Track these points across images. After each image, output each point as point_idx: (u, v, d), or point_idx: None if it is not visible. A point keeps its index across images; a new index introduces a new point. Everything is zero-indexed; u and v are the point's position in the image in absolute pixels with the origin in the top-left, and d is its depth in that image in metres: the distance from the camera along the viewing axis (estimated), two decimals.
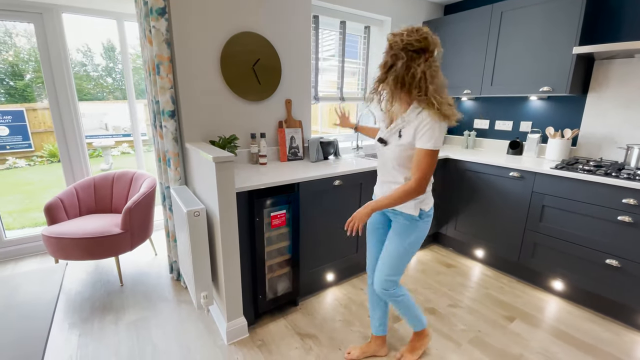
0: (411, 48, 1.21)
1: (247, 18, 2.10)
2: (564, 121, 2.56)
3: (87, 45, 6.35)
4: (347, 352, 1.72)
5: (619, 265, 1.90)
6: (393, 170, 1.39)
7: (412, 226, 1.42)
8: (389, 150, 1.37)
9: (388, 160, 1.39)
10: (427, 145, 1.24)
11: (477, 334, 1.87)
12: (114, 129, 7.42)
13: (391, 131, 1.36)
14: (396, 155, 1.34)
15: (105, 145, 6.30)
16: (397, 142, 1.33)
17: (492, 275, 2.51)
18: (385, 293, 1.50)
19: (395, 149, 1.34)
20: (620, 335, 1.87)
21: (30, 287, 0.98)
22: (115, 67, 7.12)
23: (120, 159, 7.35)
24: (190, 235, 1.65)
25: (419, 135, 1.26)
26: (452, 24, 2.87)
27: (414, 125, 1.27)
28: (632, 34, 2.14)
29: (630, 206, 1.82)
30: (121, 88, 7.15)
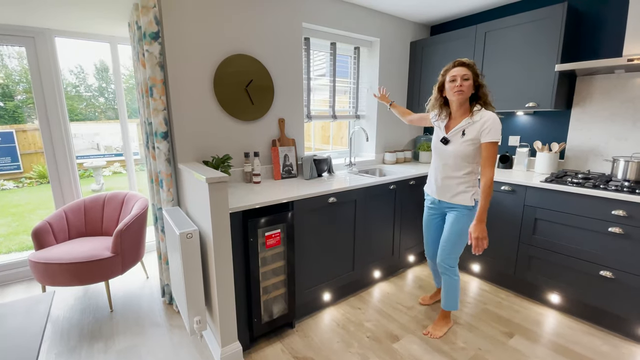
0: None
1: (239, 41, 2.14)
2: (550, 135, 2.63)
3: (80, 66, 6.39)
4: (421, 300, 2.31)
5: (613, 276, 1.91)
6: (454, 166, 1.76)
7: (468, 214, 1.78)
8: (451, 147, 1.75)
9: (450, 156, 1.77)
10: (494, 138, 1.62)
11: (477, 352, 1.85)
12: (105, 148, 7.36)
13: (454, 132, 1.74)
14: (459, 151, 1.72)
15: (96, 166, 6.23)
16: (461, 140, 1.71)
17: (489, 289, 2.49)
18: (446, 268, 1.89)
19: (460, 145, 1.71)
20: (618, 347, 1.86)
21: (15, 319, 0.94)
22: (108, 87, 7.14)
23: (112, 179, 7.27)
24: (182, 257, 1.61)
25: (485, 132, 1.63)
26: (439, 43, 2.97)
27: (479, 125, 1.65)
28: (611, 50, 2.24)
29: (620, 217, 1.85)
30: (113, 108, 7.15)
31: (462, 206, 1.79)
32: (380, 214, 2.43)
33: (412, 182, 2.59)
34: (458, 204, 1.80)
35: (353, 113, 3.08)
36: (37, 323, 0.93)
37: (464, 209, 1.79)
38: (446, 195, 1.85)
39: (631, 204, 1.80)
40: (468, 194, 1.76)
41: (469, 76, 1.66)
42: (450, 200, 1.83)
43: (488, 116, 1.64)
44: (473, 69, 1.68)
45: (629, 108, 2.21)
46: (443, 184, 1.83)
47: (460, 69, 1.68)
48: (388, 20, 2.97)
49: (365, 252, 2.39)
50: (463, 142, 1.71)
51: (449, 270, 1.90)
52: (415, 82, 3.23)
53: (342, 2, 2.61)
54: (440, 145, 1.82)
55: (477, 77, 1.67)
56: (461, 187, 1.78)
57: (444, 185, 1.83)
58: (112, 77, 5.73)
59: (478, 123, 1.66)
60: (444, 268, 1.91)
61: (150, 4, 1.82)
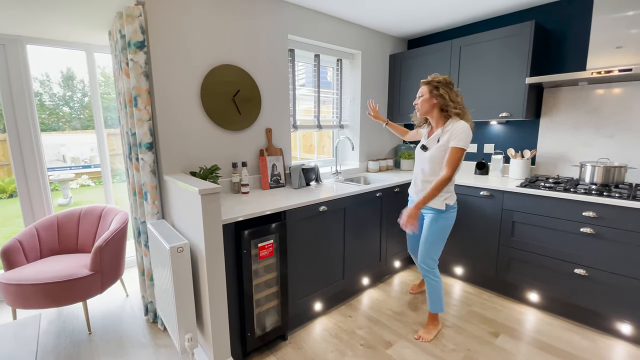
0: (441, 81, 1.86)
1: (226, 51, 2.14)
2: (522, 143, 2.80)
3: (46, 74, 6.08)
4: (410, 289, 2.55)
5: (587, 274, 2.04)
6: (430, 170, 1.90)
7: (441, 217, 1.92)
8: (428, 153, 1.91)
9: (426, 161, 1.91)
10: (459, 144, 1.75)
11: (467, 353, 1.90)
12: (72, 160, 6.98)
13: (431, 139, 1.92)
14: (434, 156, 1.86)
15: (63, 179, 5.89)
16: (436, 146, 1.86)
17: (473, 291, 2.58)
18: (426, 270, 2.00)
19: (434, 151, 1.86)
20: (596, 341, 1.98)
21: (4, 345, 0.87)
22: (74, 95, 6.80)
23: (80, 192, 6.89)
24: (173, 272, 1.56)
25: (453, 137, 1.78)
26: (417, 57, 3.11)
27: (449, 132, 1.80)
28: (575, 64, 2.44)
29: (590, 218, 1.99)
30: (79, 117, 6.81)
31: (435, 209, 1.92)
32: (368, 221, 2.47)
33: (396, 190, 2.66)
34: (431, 207, 1.92)
35: (337, 123, 3.14)
36: (28, 348, 0.87)
37: (436, 212, 1.92)
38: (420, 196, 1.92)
39: (600, 205, 1.95)
40: (440, 199, 1.89)
41: (423, 93, 1.89)
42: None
43: (459, 125, 1.79)
44: (430, 85, 1.86)
45: (592, 117, 2.41)
46: (422, 187, 1.96)
47: (421, 88, 1.93)
48: (369, 34, 3.08)
49: (354, 260, 2.41)
50: (437, 148, 1.86)
51: (429, 272, 2.00)
52: (395, 93, 3.35)
53: (325, 16, 2.68)
54: (420, 151, 1.99)
55: (435, 92, 1.84)
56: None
57: (423, 188, 1.95)
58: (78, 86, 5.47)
59: (449, 131, 1.81)
60: (423, 270, 2.01)
61: (135, 13, 1.78)
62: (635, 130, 2.24)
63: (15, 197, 4.43)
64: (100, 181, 3.92)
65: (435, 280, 2.00)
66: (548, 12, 2.54)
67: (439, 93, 1.83)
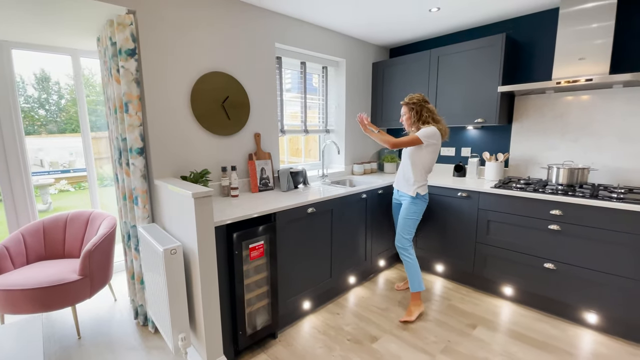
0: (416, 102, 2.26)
1: (216, 59, 2.21)
2: (496, 146, 2.98)
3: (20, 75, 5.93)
4: (396, 286, 2.72)
5: (555, 268, 2.22)
6: (406, 165, 2.30)
7: (412, 202, 2.28)
8: (406, 151, 2.31)
9: (404, 157, 2.32)
10: (418, 133, 2.16)
11: (447, 344, 2.03)
12: (51, 165, 6.79)
13: None
14: (409, 152, 2.27)
15: (42, 184, 5.73)
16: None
17: (452, 287, 2.73)
18: (401, 248, 2.32)
19: (409, 148, 2.26)
20: (565, 330, 2.15)
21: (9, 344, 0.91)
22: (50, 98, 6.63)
23: (59, 197, 6.71)
24: (166, 274, 1.61)
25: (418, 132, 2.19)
26: (398, 65, 3.26)
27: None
28: (542, 74, 2.63)
29: (557, 216, 2.17)
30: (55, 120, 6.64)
31: (407, 195, 2.29)
32: (354, 222, 2.58)
33: (380, 191, 2.78)
34: (405, 193, 2.32)
35: (323, 127, 3.24)
36: (35, 347, 0.91)
37: (410, 198, 2.28)
38: (400, 185, 2.38)
39: (565, 204, 2.12)
40: (412, 188, 2.26)
41: (405, 112, 2.30)
42: (401, 189, 2.36)
43: (427, 128, 2.19)
44: (408, 106, 2.27)
45: (558, 123, 2.60)
46: (401, 178, 2.37)
47: (402, 108, 2.33)
48: (353, 43, 3.21)
49: (341, 259, 2.51)
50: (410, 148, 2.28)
51: (404, 250, 2.32)
52: (378, 99, 3.49)
53: (311, 25, 2.79)
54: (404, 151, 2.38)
55: (412, 111, 2.25)
56: (409, 181, 2.28)
57: (401, 178, 2.36)
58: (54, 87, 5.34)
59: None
60: (399, 249, 2.34)
61: (126, 22, 1.83)
62: (597, 135, 2.44)
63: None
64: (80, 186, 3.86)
65: (410, 258, 2.31)
66: (517, 25, 2.73)
67: (416, 110, 2.24)
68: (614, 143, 2.37)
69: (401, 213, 2.34)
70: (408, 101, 2.26)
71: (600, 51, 2.16)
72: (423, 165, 2.24)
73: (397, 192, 2.44)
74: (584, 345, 2.01)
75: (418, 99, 2.24)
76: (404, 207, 2.32)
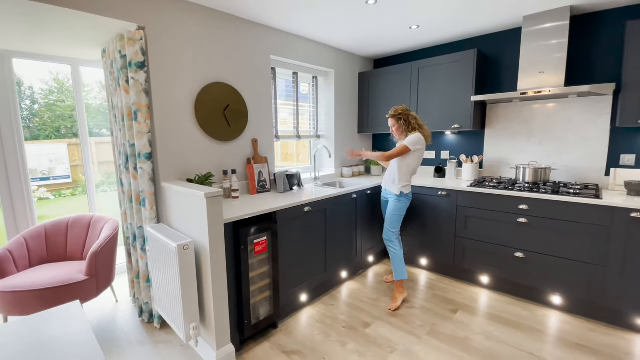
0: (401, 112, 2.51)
1: (217, 70, 2.38)
2: (471, 150, 3.29)
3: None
4: (385, 279, 2.94)
5: (524, 256, 2.50)
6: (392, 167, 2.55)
7: (397, 200, 2.52)
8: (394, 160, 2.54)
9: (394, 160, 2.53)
10: (405, 142, 2.39)
11: (432, 327, 2.25)
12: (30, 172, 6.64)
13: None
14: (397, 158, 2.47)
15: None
16: None
17: (435, 278, 2.98)
18: (388, 240, 2.58)
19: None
20: (534, 312, 2.43)
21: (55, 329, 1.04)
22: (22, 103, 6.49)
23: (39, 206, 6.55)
24: (180, 268, 1.75)
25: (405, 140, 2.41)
26: (382, 75, 3.52)
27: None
28: (509, 85, 2.96)
29: (524, 210, 2.46)
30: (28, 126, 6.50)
31: (393, 194, 2.54)
32: (345, 220, 2.79)
33: (368, 192, 3.01)
34: (391, 191, 2.56)
35: (314, 133, 3.45)
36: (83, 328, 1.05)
37: (394, 196, 2.53)
38: (387, 185, 2.62)
39: (531, 200, 2.41)
40: (397, 187, 2.50)
41: (393, 123, 2.52)
42: (387, 188, 2.61)
43: (412, 135, 2.42)
44: (395, 117, 2.50)
45: (524, 128, 2.93)
46: (388, 178, 2.61)
47: (389, 120, 2.56)
48: (341, 54, 3.45)
49: (334, 255, 2.71)
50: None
51: (390, 242, 2.57)
52: (364, 107, 3.74)
53: (303, 39, 3.01)
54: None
55: (400, 122, 2.47)
56: (395, 181, 2.51)
57: (388, 179, 2.60)
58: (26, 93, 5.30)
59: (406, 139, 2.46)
60: (386, 241, 2.59)
61: (137, 37, 1.98)
62: (557, 139, 2.77)
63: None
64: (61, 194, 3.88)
65: (395, 249, 2.55)
66: (487, 41, 3.06)
67: (404, 120, 2.48)
68: (572, 146, 2.71)
69: (388, 209, 2.59)
70: (394, 114, 2.49)
71: (556, 66, 2.48)
72: (408, 168, 2.48)
73: (385, 191, 2.68)
74: (550, 323, 2.28)
75: (402, 109, 2.48)
76: (390, 204, 2.57)
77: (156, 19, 2.05)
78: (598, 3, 2.35)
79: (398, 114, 2.48)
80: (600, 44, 2.51)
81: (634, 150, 2.42)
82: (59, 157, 3.85)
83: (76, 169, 4.11)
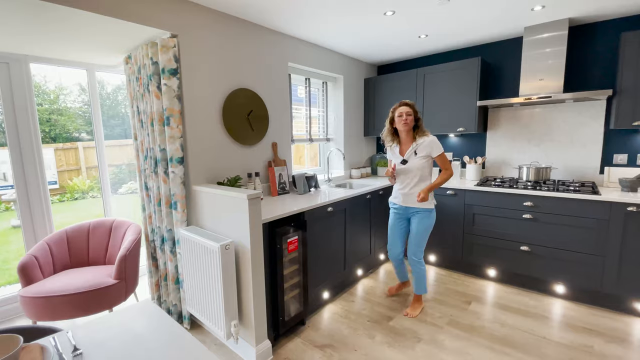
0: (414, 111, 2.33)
1: (241, 76, 2.46)
2: (474, 151, 3.48)
3: None
4: (387, 292, 2.73)
5: (529, 250, 2.69)
6: (418, 176, 2.31)
7: (430, 215, 2.35)
8: (410, 165, 2.32)
9: (411, 171, 2.32)
10: (441, 150, 2.28)
11: (450, 318, 2.40)
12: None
13: (409, 153, 2.33)
14: (418, 165, 2.30)
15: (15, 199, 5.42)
16: (415, 158, 2.30)
17: (445, 273, 3.14)
18: (416, 261, 2.41)
19: (416, 161, 2.30)
20: (540, 301, 2.62)
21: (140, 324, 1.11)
22: None
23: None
24: (222, 267, 1.82)
25: (434, 149, 2.27)
26: (388, 81, 3.68)
27: (426, 145, 2.27)
28: (511, 91, 3.17)
29: (529, 207, 2.65)
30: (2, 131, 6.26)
31: (426, 209, 2.33)
32: (361, 220, 2.91)
33: (381, 192, 3.14)
34: (423, 207, 2.32)
35: (324, 136, 3.56)
36: (166, 319, 1.12)
37: (427, 211, 2.33)
38: (411, 202, 2.34)
39: (535, 197, 2.61)
40: (430, 200, 2.33)
41: (411, 112, 2.28)
42: (415, 205, 2.34)
43: (431, 138, 2.27)
44: (413, 108, 2.30)
45: (524, 131, 3.14)
46: (410, 193, 2.34)
47: (404, 107, 2.30)
48: (349, 61, 3.58)
49: (352, 253, 2.82)
50: (417, 159, 2.29)
51: (418, 262, 2.41)
52: (370, 111, 3.88)
53: (316, 46, 3.12)
54: (402, 166, 2.36)
55: (416, 113, 2.31)
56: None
57: (411, 194, 2.33)
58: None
59: (424, 144, 2.26)
60: (414, 261, 2.40)
61: (170, 44, 2.04)
62: (555, 141, 3.00)
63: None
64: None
65: (423, 268, 2.43)
66: (489, 49, 3.27)
67: (418, 116, 2.32)
68: (568, 146, 2.94)
69: (417, 228, 2.35)
70: (412, 103, 2.32)
71: (556, 72, 2.70)
72: (430, 174, 2.37)
73: (404, 209, 2.41)
74: (556, 310, 2.48)
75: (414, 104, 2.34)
76: (420, 221, 2.34)
77: (187, 27, 2.11)
78: (595, 15, 2.58)
79: (414, 104, 2.33)
80: (596, 53, 2.74)
81: (626, 150, 2.67)
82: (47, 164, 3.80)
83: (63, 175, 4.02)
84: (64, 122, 3.45)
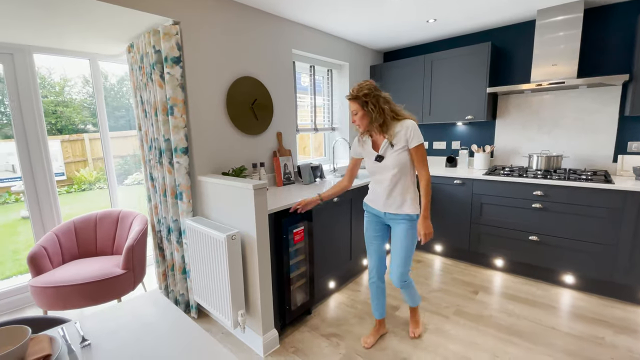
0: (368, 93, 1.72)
1: (245, 64, 2.41)
2: (483, 139, 3.41)
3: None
4: (364, 343, 2.00)
5: (538, 240, 2.65)
6: (395, 177, 1.76)
7: (412, 224, 1.80)
8: (387, 161, 1.76)
9: (389, 169, 1.76)
10: (419, 140, 1.71)
11: (457, 307, 2.39)
12: None
13: (383, 148, 1.77)
14: (395, 160, 1.74)
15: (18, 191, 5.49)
16: (392, 151, 1.75)
17: (451, 263, 3.12)
18: (404, 284, 1.91)
19: (394, 156, 1.74)
20: (548, 290, 2.59)
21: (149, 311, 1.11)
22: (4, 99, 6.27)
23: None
24: (228, 257, 1.82)
25: (410, 138, 1.71)
26: (394, 68, 3.60)
27: (402, 134, 1.72)
28: (521, 77, 3.07)
29: (539, 196, 2.60)
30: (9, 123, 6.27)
31: (408, 215, 1.79)
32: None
33: None
34: (404, 213, 1.79)
35: (329, 126, 3.51)
36: (173, 309, 1.12)
37: (409, 219, 1.80)
38: (392, 207, 1.82)
39: (545, 186, 2.55)
40: (413, 204, 1.80)
41: (357, 110, 1.74)
42: (397, 211, 1.81)
43: (408, 124, 1.71)
44: (359, 100, 1.71)
45: (534, 118, 3.06)
46: (390, 196, 1.81)
47: (350, 103, 1.76)
48: (355, 48, 3.50)
49: (357, 244, 2.81)
50: (394, 152, 1.74)
51: (407, 283, 1.92)
52: None
53: (321, 32, 3.05)
54: (377, 164, 1.81)
55: (376, 101, 1.71)
56: (406, 196, 1.79)
57: (391, 197, 1.81)
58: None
59: (401, 132, 1.71)
60: (403, 284, 1.90)
61: (172, 32, 1.99)
62: (566, 128, 2.92)
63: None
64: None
65: (412, 285, 1.97)
66: (499, 34, 3.16)
67: (372, 104, 1.70)
68: (580, 134, 2.86)
69: (404, 241, 1.81)
70: (357, 94, 1.71)
71: (569, 57, 2.60)
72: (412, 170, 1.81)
73: (383, 215, 1.88)
74: (565, 300, 2.45)
75: (369, 87, 1.71)
76: (403, 231, 1.80)
77: (189, 14, 2.06)
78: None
79: (363, 94, 1.69)
80: (612, 36, 2.64)
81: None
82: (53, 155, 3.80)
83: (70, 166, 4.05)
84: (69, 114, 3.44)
